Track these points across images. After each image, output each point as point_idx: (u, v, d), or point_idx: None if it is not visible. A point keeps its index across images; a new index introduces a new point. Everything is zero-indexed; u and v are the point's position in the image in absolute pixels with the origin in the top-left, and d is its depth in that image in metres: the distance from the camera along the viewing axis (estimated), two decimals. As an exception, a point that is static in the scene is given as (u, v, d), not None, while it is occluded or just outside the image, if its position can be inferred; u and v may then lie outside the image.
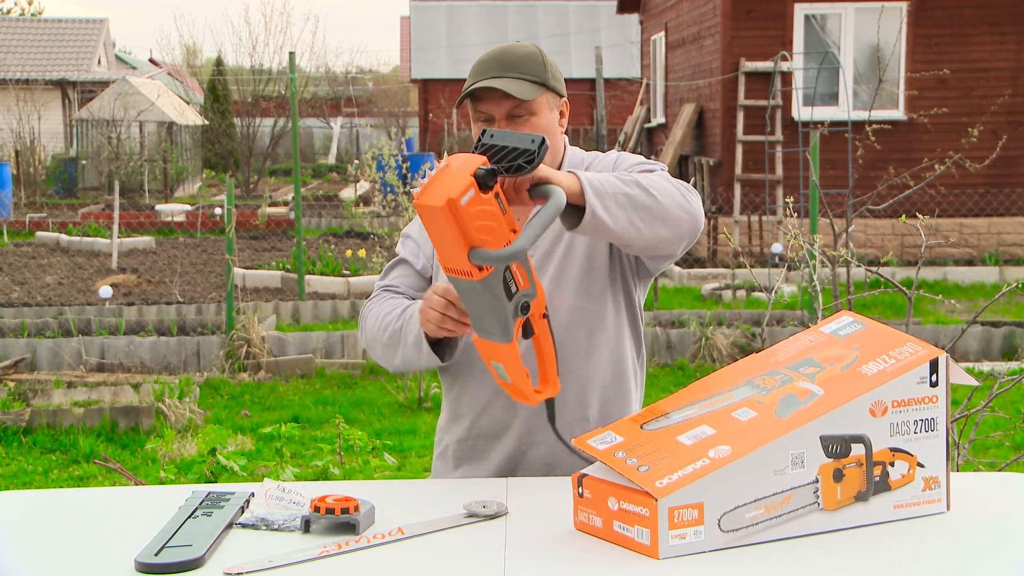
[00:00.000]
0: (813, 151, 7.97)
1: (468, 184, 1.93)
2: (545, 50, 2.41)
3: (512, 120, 2.31)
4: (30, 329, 8.48)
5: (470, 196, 1.93)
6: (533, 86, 2.31)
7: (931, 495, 1.97)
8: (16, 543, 1.94)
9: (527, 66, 2.32)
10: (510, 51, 2.35)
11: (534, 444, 2.38)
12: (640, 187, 2.16)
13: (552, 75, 2.36)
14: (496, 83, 2.28)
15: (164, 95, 24.63)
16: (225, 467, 4.49)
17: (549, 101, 2.35)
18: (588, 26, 31.38)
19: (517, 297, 2.04)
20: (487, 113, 2.32)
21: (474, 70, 2.36)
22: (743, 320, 8.65)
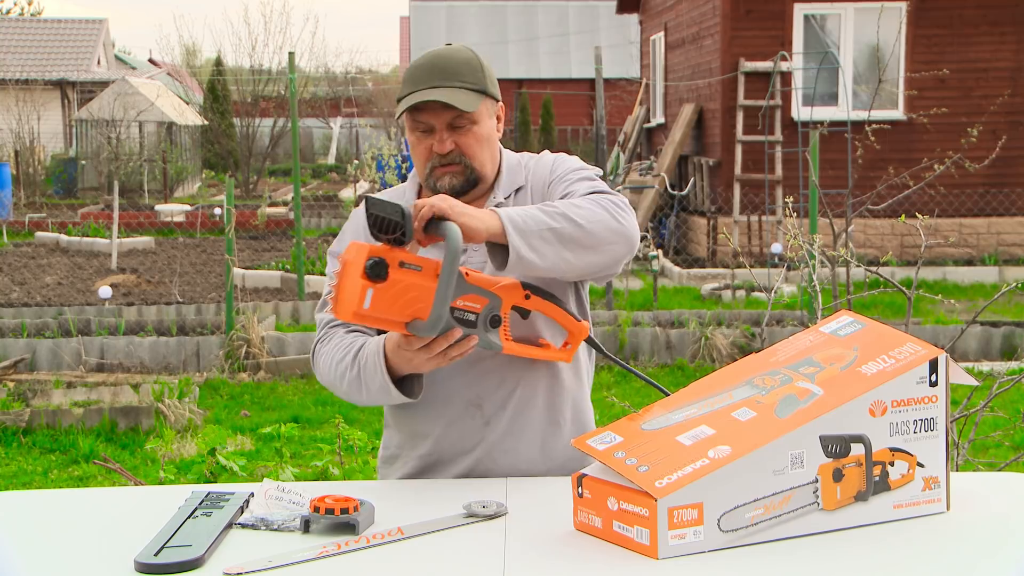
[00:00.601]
0: (813, 151, 7.97)
1: (361, 288, 1.98)
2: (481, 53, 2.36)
3: (454, 130, 2.26)
4: (30, 329, 8.48)
5: (370, 296, 1.99)
6: (474, 95, 2.25)
7: (931, 495, 1.97)
8: (16, 543, 1.94)
9: (466, 73, 2.26)
10: (447, 57, 2.28)
11: (505, 452, 2.32)
12: (566, 219, 2.10)
13: (490, 81, 2.31)
14: (438, 94, 2.22)
15: (163, 95, 24.63)
16: (225, 467, 4.49)
17: (488, 108, 2.30)
18: (588, 26, 31.38)
19: (480, 320, 2.11)
20: (427, 124, 2.26)
21: (410, 78, 2.28)
22: (743, 320, 8.65)
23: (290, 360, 7.96)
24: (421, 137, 2.28)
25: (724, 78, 13.03)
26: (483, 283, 2.12)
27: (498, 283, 2.14)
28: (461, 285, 2.08)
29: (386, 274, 2.00)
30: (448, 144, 2.26)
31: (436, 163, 2.28)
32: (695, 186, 13.87)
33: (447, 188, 2.29)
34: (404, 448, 2.40)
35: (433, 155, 2.28)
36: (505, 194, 2.36)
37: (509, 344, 2.17)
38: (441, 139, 2.26)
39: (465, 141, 2.28)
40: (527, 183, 2.38)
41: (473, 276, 2.11)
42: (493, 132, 2.33)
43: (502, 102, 2.37)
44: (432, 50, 2.33)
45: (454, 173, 2.29)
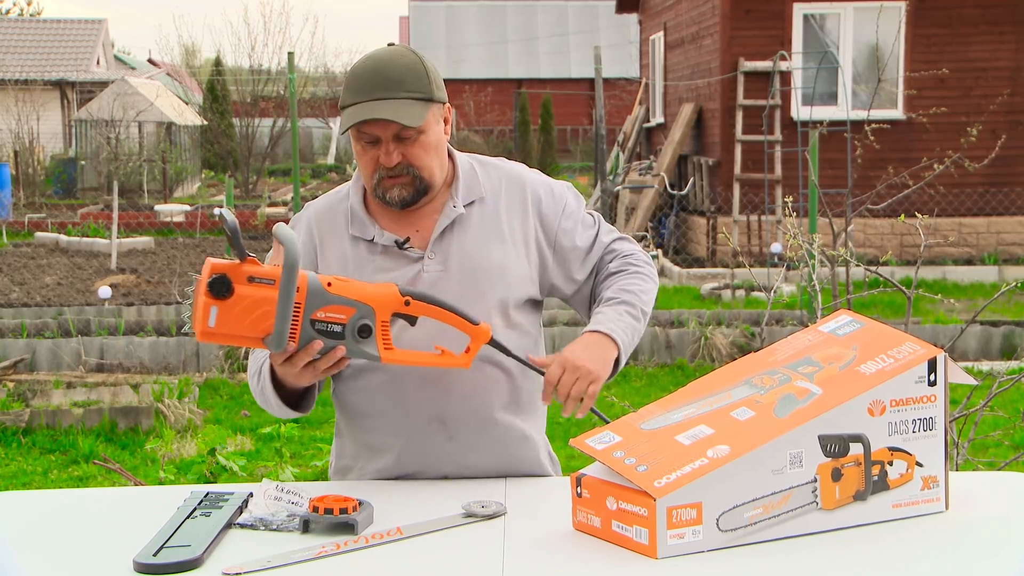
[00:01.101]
0: (812, 151, 7.97)
1: (204, 306, 1.97)
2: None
3: (400, 142, 2.20)
4: (29, 329, 8.48)
5: (215, 314, 1.97)
6: (419, 104, 2.18)
7: (930, 494, 1.97)
8: (15, 543, 1.94)
9: (411, 82, 2.19)
10: (390, 64, 2.19)
11: (471, 467, 2.28)
12: (644, 315, 2.33)
13: (435, 85, 2.23)
14: (382, 109, 2.15)
15: (163, 95, 24.62)
16: (224, 467, 4.49)
17: (435, 114, 2.23)
18: (587, 26, 31.38)
19: (347, 331, 2.06)
20: (372, 135, 2.19)
21: (352, 87, 2.20)
22: (742, 320, 8.65)
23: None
24: (367, 147, 2.22)
25: (724, 78, 13.03)
26: (348, 292, 2.06)
27: (366, 291, 2.08)
28: (321, 296, 2.04)
29: (229, 291, 1.97)
30: (395, 157, 2.20)
31: (384, 174, 2.23)
32: (694, 186, 13.87)
33: (397, 200, 2.24)
34: (359, 460, 2.35)
35: (380, 167, 2.23)
36: (465, 202, 2.31)
37: (388, 354, 2.10)
38: (388, 151, 2.20)
39: (412, 152, 2.21)
40: (486, 195, 2.33)
41: (337, 285, 2.06)
42: (441, 137, 2.27)
43: (449, 103, 2.30)
44: (373, 55, 2.24)
45: (403, 184, 2.23)
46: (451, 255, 2.28)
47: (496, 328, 2.25)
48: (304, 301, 2.03)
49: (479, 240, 2.29)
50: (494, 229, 2.31)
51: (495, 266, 2.28)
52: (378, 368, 2.25)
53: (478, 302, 2.25)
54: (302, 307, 2.03)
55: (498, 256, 2.29)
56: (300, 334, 2.04)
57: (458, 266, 2.27)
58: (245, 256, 1.99)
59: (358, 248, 2.29)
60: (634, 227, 12.91)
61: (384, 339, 2.10)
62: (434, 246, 2.28)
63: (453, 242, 2.29)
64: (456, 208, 2.30)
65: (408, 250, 2.28)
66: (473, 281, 2.27)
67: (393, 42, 2.32)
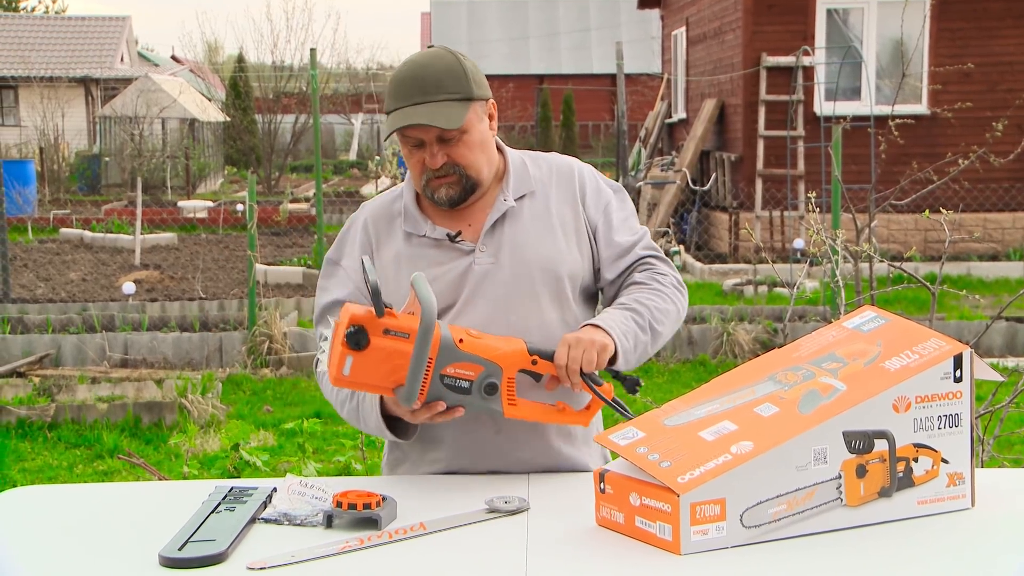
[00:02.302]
0: (835, 146, 7.93)
1: (340, 355, 2.02)
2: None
3: (444, 143, 2.23)
4: (55, 325, 8.54)
5: (350, 364, 2.02)
6: (459, 105, 2.21)
7: (955, 491, 1.96)
8: (41, 537, 1.95)
9: (449, 83, 2.22)
10: (428, 68, 2.22)
11: (520, 463, 2.29)
12: (653, 332, 2.27)
13: (475, 83, 2.25)
14: (420, 115, 2.19)
15: (186, 92, 24.73)
16: (248, 462, 4.51)
17: (478, 112, 2.26)
18: (609, 21, 31.33)
19: (475, 388, 2.09)
20: (416, 138, 2.23)
21: (393, 92, 2.24)
22: (765, 316, 8.61)
23: (312, 356, 7.98)
24: (413, 150, 2.26)
25: (746, 73, 12.98)
26: (478, 350, 2.09)
27: (496, 349, 2.11)
28: (452, 353, 2.07)
29: (366, 343, 2.02)
30: (440, 158, 2.24)
31: (431, 175, 2.26)
32: (717, 181, 13.83)
33: (445, 199, 2.27)
34: (412, 451, 2.37)
35: (427, 168, 2.26)
36: (516, 195, 2.33)
37: (512, 409, 2.13)
38: (432, 154, 2.23)
39: (457, 152, 2.24)
40: (537, 188, 2.36)
41: (468, 342, 2.09)
42: (486, 134, 2.29)
43: (493, 99, 2.32)
44: (412, 59, 2.27)
45: (450, 184, 2.26)
46: (502, 247, 2.30)
47: (552, 322, 2.28)
48: (435, 357, 2.06)
49: (530, 233, 2.31)
50: (545, 222, 2.33)
51: (546, 258, 2.30)
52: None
53: (529, 294, 2.28)
54: (432, 362, 2.06)
55: (549, 248, 2.31)
56: (429, 388, 2.07)
57: (509, 258, 2.29)
58: (383, 312, 2.04)
59: (411, 244, 2.33)
60: (656, 223, 12.88)
61: (509, 395, 2.13)
62: (485, 239, 2.30)
63: (504, 235, 2.30)
64: (507, 201, 2.32)
65: (460, 243, 2.30)
66: (525, 273, 2.29)
67: (432, 44, 2.35)
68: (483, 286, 2.27)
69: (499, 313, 2.27)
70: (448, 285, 2.28)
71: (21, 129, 23.77)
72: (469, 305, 2.28)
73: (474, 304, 2.28)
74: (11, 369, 7.53)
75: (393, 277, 2.32)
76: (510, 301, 2.27)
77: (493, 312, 2.26)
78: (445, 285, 2.28)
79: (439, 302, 2.26)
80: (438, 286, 2.26)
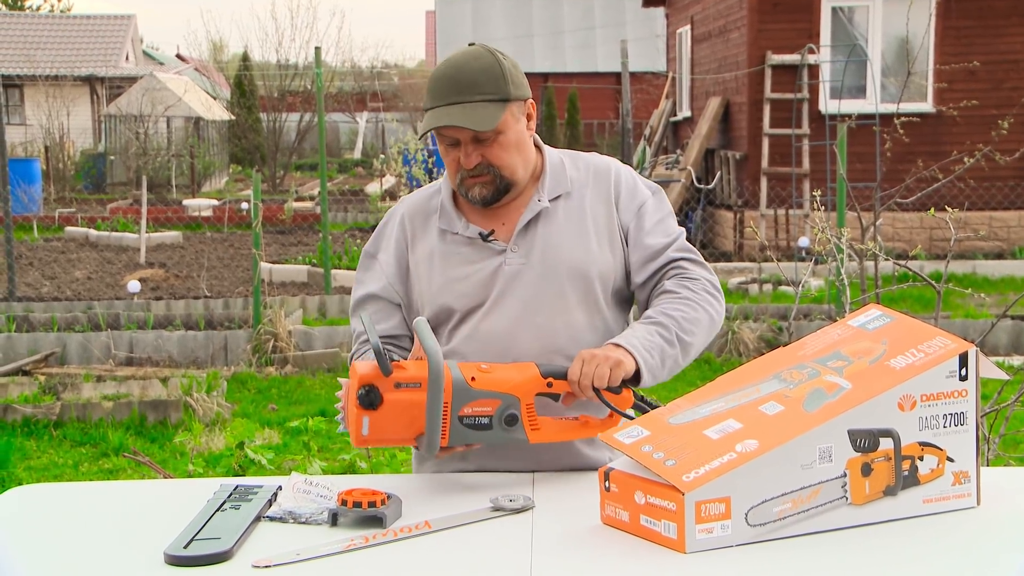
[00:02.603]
0: (840, 144, 7.92)
1: (357, 417, 2.03)
2: (504, 51, 2.29)
3: (479, 143, 2.24)
4: (60, 323, 8.55)
5: (367, 424, 2.03)
6: (495, 107, 2.21)
7: (961, 490, 1.96)
8: (47, 535, 1.96)
9: (486, 84, 2.22)
10: (466, 68, 2.23)
11: (540, 463, 2.29)
12: (682, 344, 2.22)
13: (513, 83, 2.25)
14: (455, 116, 2.19)
15: (191, 90, 24.75)
16: (253, 460, 4.51)
17: (514, 112, 2.26)
18: (613, 20, 31.30)
19: (495, 422, 2.10)
20: (452, 138, 2.25)
21: (431, 91, 2.25)
22: (770, 314, 8.61)
23: (317, 354, 7.99)
24: (449, 149, 2.27)
25: (751, 71, 12.97)
26: (492, 385, 2.10)
27: (509, 380, 2.11)
28: (466, 392, 2.07)
29: (379, 400, 2.03)
30: (474, 158, 2.24)
31: (465, 174, 2.27)
32: (722, 180, 13.82)
33: (479, 198, 2.28)
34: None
35: (461, 167, 2.27)
36: (550, 197, 2.33)
37: (536, 435, 2.13)
38: (467, 153, 2.24)
39: (492, 152, 2.25)
40: (573, 189, 2.35)
41: (481, 379, 2.09)
42: (523, 134, 2.29)
43: (532, 98, 2.33)
44: (451, 58, 2.28)
45: (484, 183, 2.27)
46: (534, 248, 2.30)
47: (580, 324, 2.28)
48: (451, 400, 2.07)
49: (563, 235, 2.31)
50: (579, 224, 2.32)
51: (577, 260, 2.30)
52: (455, 354, 2.28)
53: (558, 296, 2.28)
54: (449, 406, 2.07)
55: (581, 251, 2.30)
56: (450, 432, 2.07)
57: (540, 259, 2.29)
58: (390, 371, 2.05)
59: (445, 241, 2.34)
60: (661, 221, 12.85)
61: (531, 422, 2.13)
62: (517, 238, 2.30)
63: (537, 236, 2.30)
64: (541, 202, 2.32)
65: (492, 242, 2.31)
66: (554, 275, 2.29)
67: (473, 42, 2.35)
68: (512, 286, 2.28)
69: (527, 314, 2.27)
70: (478, 284, 2.29)
71: (26, 128, 23.79)
72: (498, 305, 2.28)
73: (502, 304, 2.28)
74: (17, 367, 7.55)
75: (426, 274, 2.33)
76: (538, 302, 2.27)
77: (522, 313, 2.27)
78: (475, 284, 2.29)
79: (469, 301, 2.29)
80: (468, 284, 2.28)
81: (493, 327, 2.27)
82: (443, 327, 2.35)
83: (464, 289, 2.30)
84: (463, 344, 2.30)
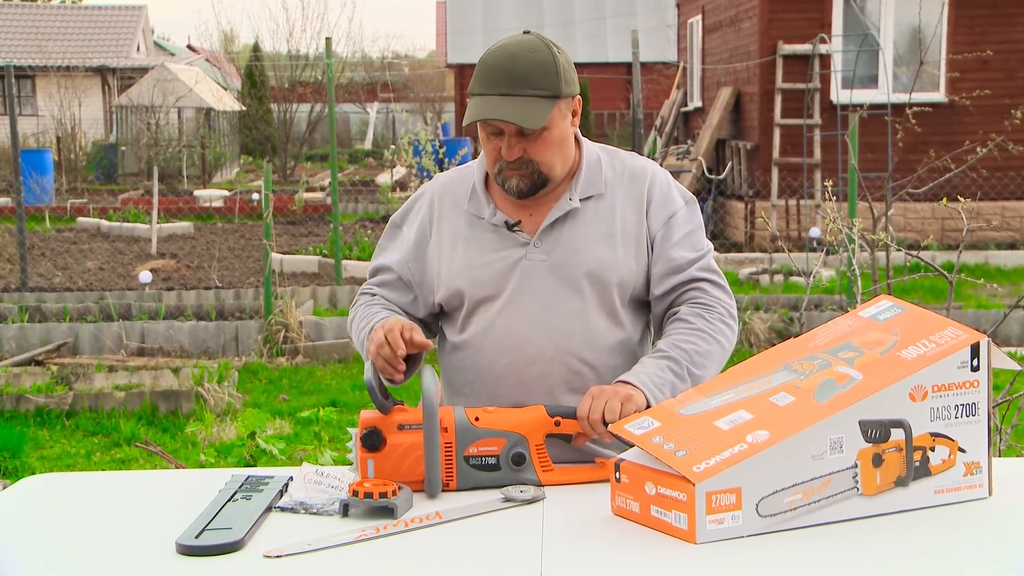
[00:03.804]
0: (852, 134, 7.89)
1: (362, 460, 2.04)
2: (556, 42, 2.26)
3: (523, 137, 2.22)
4: (72, 314, 8.58)
5: (372, 466, 2.04)
6: (545, 103, 2.19)
7: (972, 480, 1.96)
8: (59, 524, 1.97)
9: (538, 79, 2.19)
10: (521, 60, 2.19)
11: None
12: (693, 379, 2.20)
13: (565, 80, 2.23)
14: (505, 109, 2.17)
15: (202, 81, 24.79)
16: (264, 450, 4.52)
17: (562, 109, 2.24)
18: (624, 10, 31.21)
19: (502, 462, 2.08)
20: (496, 127, 2.23)
21: (481, 77, 2.22)
22: (781, 305, 8.59)
23: (328, 344, 8.01)
24: (490, 136, 2.25)
25: (762, 61, 12.93)
26: (496, 424, 2.08)
27: (514, 419, 2.10)
28: (470, 432, 2.07)
29: (381, 443, 2.03)
30: (516, 151, 2.23)
31: (504, 165, 2.26)
32: (732, 170, 13.79)
33: (515, 190, 2.27)
34: None
35: (502, 157, 2.25)
36: (582, 196, 2.31)
37: (547, 476, 2.10)
38: (510, 146, 2.22)
39: (534, 148, 2.23)
40: (605, 190, 2.32)
41: (484, 418, 2.09)
42: (567, 131, 2.27)
43: (579, 95, 2.30)
44: (507, 45, 2.24)
45: (522, 176, 2.25)
46: (557, 247, 2.28)
47: (599, 329, 2.27)
48: (455, 440, 2.06)
49: (588, 237, 2.29)
50: (606, 227, 2.30)
51: (599, 264, 2.28)
52: (469, 346, 2.30)
53: (575, 298, 2.27)
54: (453, 446, 2.06)
55: (604, 255, 2.28)
56: (457, 472, 2.06)
57: (561, 259, 2.28)
58: (388, 410, 2.06)
59: (471, 225, 2.33)
60: (672, 212, 12.84)
61: (542, 463, 2.11)
62: (542, 234, 2.29)
63: (562, 235, 2.29)
64: (571, 201, 2.30)
65: (517, 233, 2.30)
66: (573, 276, 2.27)
67: (529, 30, 2.32)
68: (530, 282, 2.27)
69: (543, 313, 2.26)
70: (497, 274, 2.28)
71: (38, 119, 23.86)
72: (514, 300, 2.27)
73: (519, 301, 2.27)
74: (29, 357, 7.58)
75: (447, 255, 2.33)
76: (555, 303, 2.26)
77: (538, 312, 2.26)
78: (493, 274, 2.28)
79: (482, 290, 2.28)
80: (486, 273, 2.28)
81: (509, 324, 2.26)
82: (455, 314, 2.35)
83: (480, 277, 2.29)
84: (478, 337, 2.30)
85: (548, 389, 2.26)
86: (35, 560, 1.79)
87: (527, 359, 2.25)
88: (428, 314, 2.40)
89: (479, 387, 2.31)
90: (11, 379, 6.93)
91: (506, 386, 2.27)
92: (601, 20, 31.46)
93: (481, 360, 2.30)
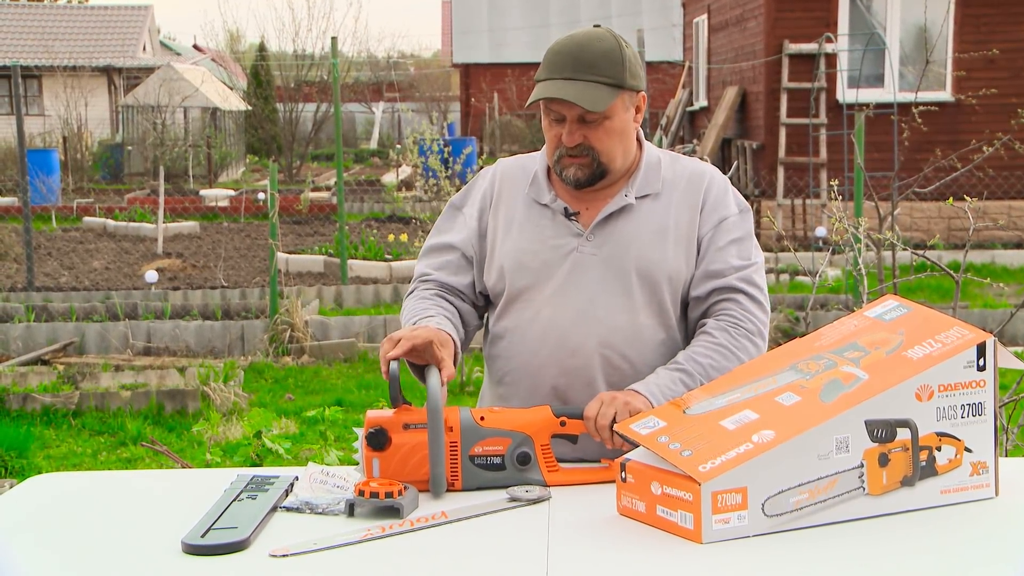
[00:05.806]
0: (858, 133, 7.88)
1: (368, 459, 2.04)
2: (624, 40, 2.27)
3: (584, 124, 2.23)
4: (78, 313, 8.60)
5: (377, 465, 2.04)
6: (608, 91, 2.21)
7: (979, 480, 1.95)
8: (65, 523, 1.97)
9: (604, 67, 2.21)
10: (588, 47, 2.22)
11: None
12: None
13: (630, 72, 2.24)
14: (568, 91, 2.19)
15: (208, 81, 24.81)
16: (270, 450, 4.53)
17: (625, 101, 2.25)
18: (630, 9, 31.20)
19: (507, 461, 2.08)
20: (558, 113, 2.24)
21: (548, 62, 2.24)
22: (786, 304, 8.58)
23: (333, 344, 8.01)
24: (553, 123, 2.26)
25: (768, 60, 12.91)
26: (501, 423, 2.09)
27: (519, 418, 2.10)
28: (475, 431, 2.07)
29: (386, 442, 2.04)
30: (577, 137, 2.24)
31: (564, 152, 2.26)
32: (738, 169, 13.78)
33: (572, 179, 2.27)
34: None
35: (562, 144, 2.26)
36: (638, 194, 2.31)
37: (553, 476, 2.10)
38: (570, 132, 2.23)
39: (595, 135, 2.24)
40: (662, 191, 2.32)
41: (490, 418, 2.09)
42: (628, 125, 2.28)
43: (644, 91, 2.31)
44: (575, 34, 2.27)
45: (580, 165, 2.26)
46: (608, 242, 2.29)
47: (644, 327, 2.27)
48: (460, 439, 2.06)
49: (641, 236, 2.29)
50: (659, 227, 2.30)
51: (649, 262, 2.28)
52: (514, 333, 2.30)
53: (623, 294, 2.27)
54: (458, 445, 2.06)
55: (655, 254, 2.28)
56: (462, 471, 2.07)
57: (611, 255, 2.28)
58: (399, 405, 2.06)
59: (529, 209, 2.34)
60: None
61: (547, 463, 2.11)
62: (595, 228, 2.30)
63: (615, 230, 2.29)
64: (627, 197, 2.30)
65: (573, 222, 2.30)
66: (622, 273, 2.28)
67: (599, 24, 2.34)
68: (579, 275, 2.27)
69: (589, 306, 2.26)
70: (547, 262, 2.29)
71: (45, 118, 23.90)
72: (561, 291, 2.27)
73: (566, 291, 2.27)
74: (36, 357, 7.59)
75: (502, 237, 2.34)
76: (602, 297, 2.27)
77: (584, 305, 2.26)
78: (545, 260, 2.29)
79: (529, 277, 2.28)
80: (536, 260, 2.29)
81: (555, 314, 2.26)
82: (499, 300, 2.35)
83: (530, 263, 2.29)
84: (523, 325, 2.30)
85: (588, 381, 2.27)
86: (41, 559, 1.80)
87: (569, 350, 2.25)
88: (480, 297, 2.40)
89: (521, 375, 2.31)
90: (17, 378, 6.95)
91: (547, 375, 2.28)
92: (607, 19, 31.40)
93: (524, 349, 2.30)
